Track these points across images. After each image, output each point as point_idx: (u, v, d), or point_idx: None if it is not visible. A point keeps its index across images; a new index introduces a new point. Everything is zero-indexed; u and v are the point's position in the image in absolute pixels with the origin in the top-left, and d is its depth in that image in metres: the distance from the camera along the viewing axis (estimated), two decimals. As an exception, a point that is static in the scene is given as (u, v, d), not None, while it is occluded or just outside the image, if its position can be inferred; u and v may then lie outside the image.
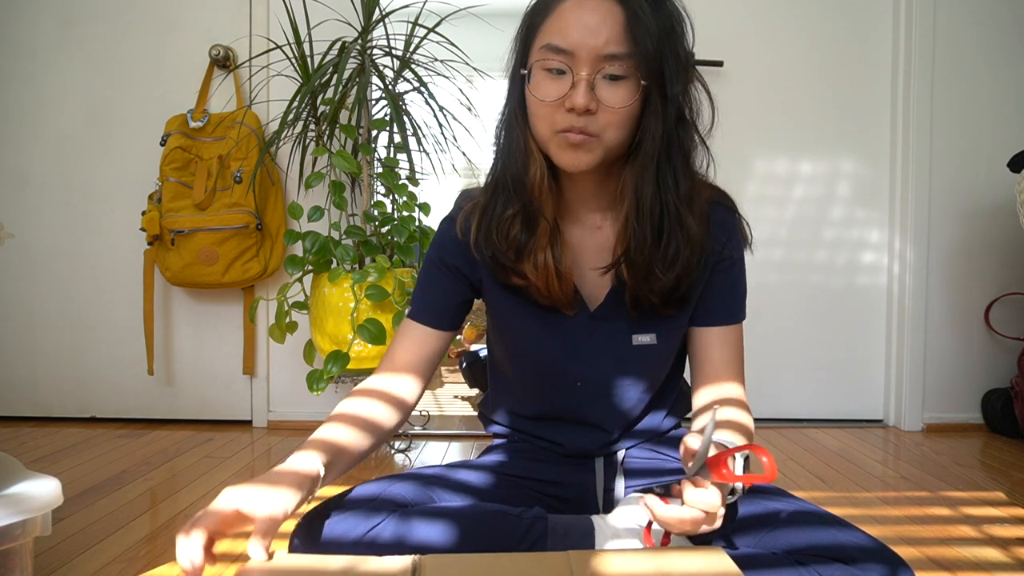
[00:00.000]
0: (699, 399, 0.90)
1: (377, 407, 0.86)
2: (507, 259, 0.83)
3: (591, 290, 0.89)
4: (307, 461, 0.73)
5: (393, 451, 1.92)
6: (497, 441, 1.02)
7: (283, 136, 1.84)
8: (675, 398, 1.00)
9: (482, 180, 0.90)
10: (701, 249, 0.82)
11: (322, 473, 0.74)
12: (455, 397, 2.66)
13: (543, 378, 0.93)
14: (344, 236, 1.78)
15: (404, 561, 0.63)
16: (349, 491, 0.82)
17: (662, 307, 0.84)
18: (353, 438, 0.82)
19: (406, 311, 0.94)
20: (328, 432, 0.81)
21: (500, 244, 0.83)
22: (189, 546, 0.62)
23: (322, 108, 1.87)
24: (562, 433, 0.94)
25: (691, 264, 0.82)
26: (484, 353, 1.81)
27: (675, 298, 0.84)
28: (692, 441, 0.70)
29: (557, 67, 0.75)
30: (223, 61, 2.14)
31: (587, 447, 0.93)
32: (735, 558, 0.70)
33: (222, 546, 1.21)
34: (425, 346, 0.91)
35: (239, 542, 1.23)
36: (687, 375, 1.06)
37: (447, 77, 1.91)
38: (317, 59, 1.84)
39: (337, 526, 0.76)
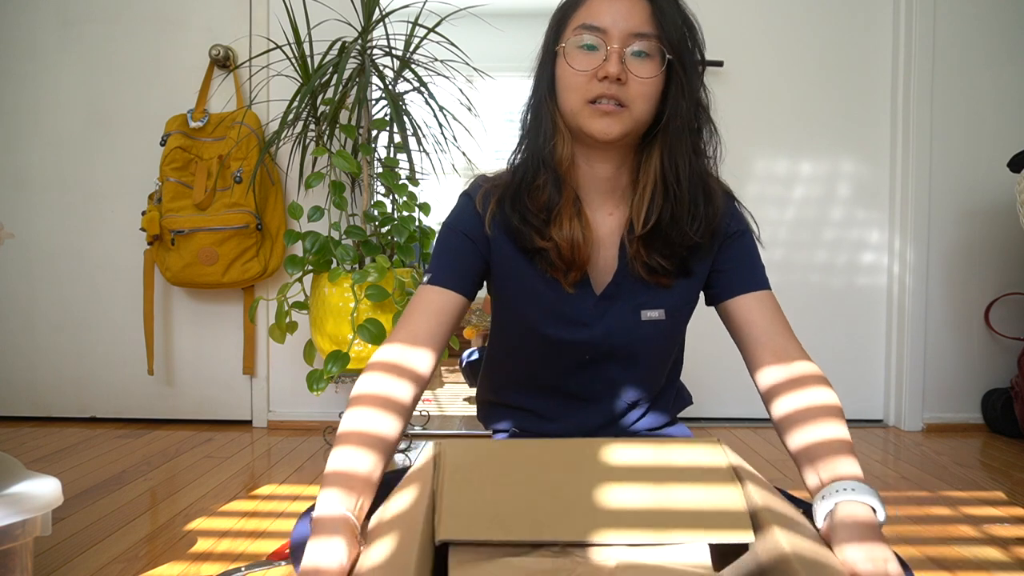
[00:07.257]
0: (765, 377, 0.84)
1: (397, 385, 0.82)
2: (538, 220, 0.87)
3: (598, 274, 0.91)
4: (340, 510, 0.68)
5: (393, 451, 1.91)
6: (499, 436, 1.03)
7: (283, 136, 1.84)
8: (671, 398, 1.01)
9: (485, 174, 0.95)
10: (717, 214, 0.88)
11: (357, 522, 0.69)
12: (464, 399, 2.66)
13: (548, 356, 0.94)
14: (344, 236, 1.78)
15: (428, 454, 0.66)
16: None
17: (671, 275, 0.89)
18: (385, 427, 0.78)
19: (424, 278, 0.91)
20: (353, 450, 0.75)
21: (531, 207, 0.87)
22: None
23: (322, 108, 1.87)
24: (561, 419, 0.97)
25: (716, 222, 0.88)
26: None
27: (684, 266, 0.89)
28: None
29: (590, 43, 0.82)
30: (223, 61, 2.13)
31: (587, 427, 0.96)
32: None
33: (222, 545, 1.21)
34: (443, 312, 0.88)
35: (238, 542, 1.23)
36: (689, 374, 1.06)
37: (447, 77, 1.91)
38: (317, 59, 1.84)
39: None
